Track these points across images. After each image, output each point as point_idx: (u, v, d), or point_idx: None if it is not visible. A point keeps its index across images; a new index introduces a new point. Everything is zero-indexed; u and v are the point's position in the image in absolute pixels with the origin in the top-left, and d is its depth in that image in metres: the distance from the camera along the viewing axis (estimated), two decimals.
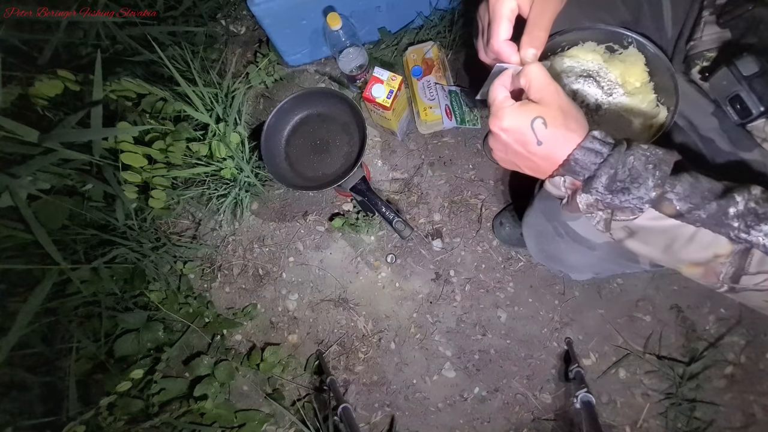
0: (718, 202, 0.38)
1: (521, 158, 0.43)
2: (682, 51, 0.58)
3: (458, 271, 1.10)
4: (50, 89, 0.84)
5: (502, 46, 0.46)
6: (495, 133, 0.43)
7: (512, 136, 0.42)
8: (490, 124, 0.43)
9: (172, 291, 1.09)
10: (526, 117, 0.41)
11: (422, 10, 1.13)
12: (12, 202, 0.79)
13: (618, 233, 0.43)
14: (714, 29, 0.52)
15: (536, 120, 0.40)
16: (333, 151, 1.03)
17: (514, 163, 0.45)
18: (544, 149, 0.41)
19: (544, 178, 0.45)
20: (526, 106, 0.41)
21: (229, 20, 1.28)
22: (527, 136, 0.41)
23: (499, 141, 0.43)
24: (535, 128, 0.40)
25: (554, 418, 1.00)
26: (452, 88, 1.12)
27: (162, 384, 0.99)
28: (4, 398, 0.88)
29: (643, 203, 0.39)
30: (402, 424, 1.04)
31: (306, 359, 1.09)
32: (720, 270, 0.39)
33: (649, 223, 0.40)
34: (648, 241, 0.42)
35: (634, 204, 0.39)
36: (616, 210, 0.40)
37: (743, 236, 0.37)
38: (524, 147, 0.42)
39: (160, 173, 0.96)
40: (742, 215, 0.37)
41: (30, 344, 0.90)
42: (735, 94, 0.47)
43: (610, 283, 1.06)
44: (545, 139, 0.40)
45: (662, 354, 1.01)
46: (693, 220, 0.38)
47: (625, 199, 0.39)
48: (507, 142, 0.42)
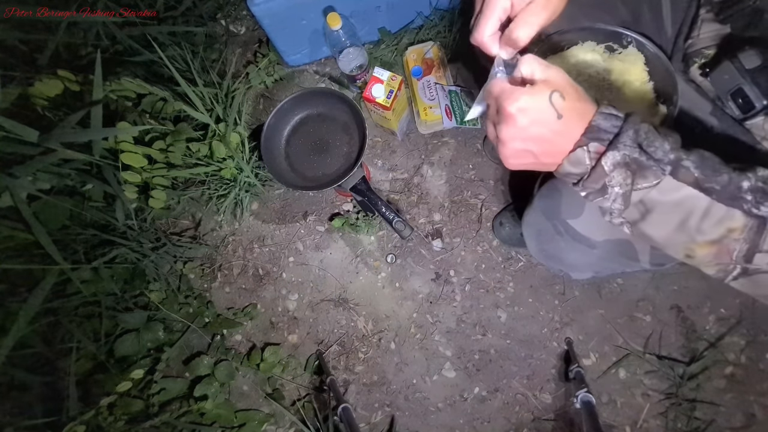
0: (730, 175, 0.38)
1: (539, 141, 0.41)
2: (681, 50, 0.58)
3: (458, 271, 1.10)
4: (50, 89, 0.84)
5: (486, 41, 0.47)
6: (511, 115, 0.41)
7: (531, 115, 0.40)
8: (504, 107, 0.41)
9: (172, 291, 1.09)
10: (543, 93, 0.40)
11: (422, 10, 1.13)
12: (12, 202, 0.79)
13: (632, 214, 0.42)
14: (712, 26, 0.52)
15: (554, 94, 0.40)
16: (333, 151, 1.03)
17: (529, 151, 0.43)
18: (564, 124, 0.40)
19: (560, 159, 0.43)
20: (538, 85, 0.41)
21: (229, 20, 1.28)
22: (547, 112, 0.40)
23: (516, 125, 0.41)
24: (554, 102, 0.40)
25: (554, 418, 1.00)
26: (452, 88, 1.12)
27: (162, 384, 0.99)
28: (4, 398, 0.88)
29: (664, 164, 0.39)
30: (402, 424, 1.04)
31: (306, 359, 1.09)
32: (734, 247, 0.39)
33: (664, 198, 0.40)
34: (662, 220, 0.41)
35: (657, 164, 0.39)
36: (640, 172, 0.39)
37: (755, 211, 0.37)
38: (544, 125, 0.40)
39: (160, 173, 0.96)
40: (753, 190, 0.37)
41: (30, 344, 0.90)
42: (737, 88, 0.47)
43: (610, 283, 1.06)
44: (565, 112, 0.40)
45: (662, 354, 1.01)
46: (709, 191, 0.38)
47: (650, 158, 0.39)
48: (524, 125, 0.41)
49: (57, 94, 0.85)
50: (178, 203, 1.14)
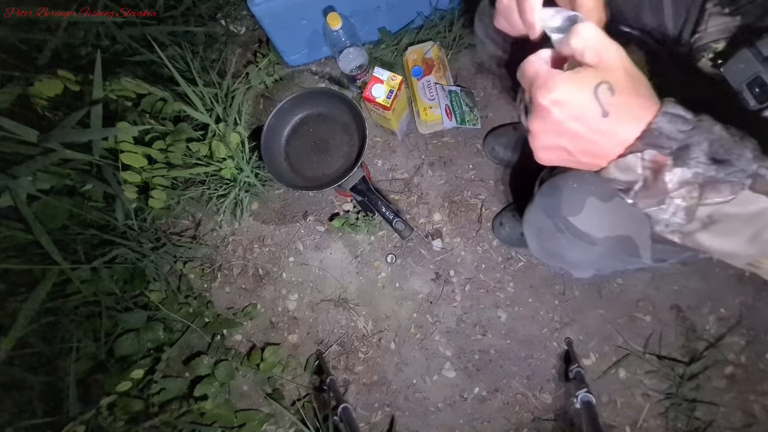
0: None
1: (576, 139, 0.35)
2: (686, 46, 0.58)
3: (458, 271, 1.10)
4: (50, 89, 0.84)
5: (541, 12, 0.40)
6: (543, 108, 0.34)
7: (568, 110, 0.33)
8: (536, 97, 0.34)
9: (172, 291, 1.09)
10: (587, 83, 0.33)
11: (422, 10, 1.13)
12: (12, 202, 0.79)
13: (692, 225, 0.36)
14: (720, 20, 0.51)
15: (600, 86, 0.32)
16: (333, 151, 1.03)
17: (563, 148, 0.36)
18: (611, 123, 0.33)
19: (604, 162, 0.36)
20: (584, 71, 0.33)
21: (229, 20, 1.28)
22: (589, 107, 0.33)
23: (548, 119, 0.34)
24: (599, 96, 0.32)
25: (554, 418, 1.00)
26: (452, 88, 1.12)
27: (162, 384, 0.99)
28: (4, 398, 0.88)
29: (745, 177, 0.32)
30: (402, 424, 1.04)
31: (306, 359, 1.09)
32: None
33: (738, 211, 0.34)
34: (730, 232, 0.35)
35: (739, 177, 0.32)
36: (714, 187, 0.33)
37: None
38: (584, 123, 0.33)
39: (160, 173, 0.96)
40: None
41: (30, 344, 0.90)
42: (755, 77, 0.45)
43: (610, 283, 1.06)
44: (613, 109, 0.33)
45: (662, 354, 1.01)
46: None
47: (729, 172, 0.32)
48: (559, 119, 0.34)
49: (57, 94, 0.85)
50: (178, 203, 1.14)
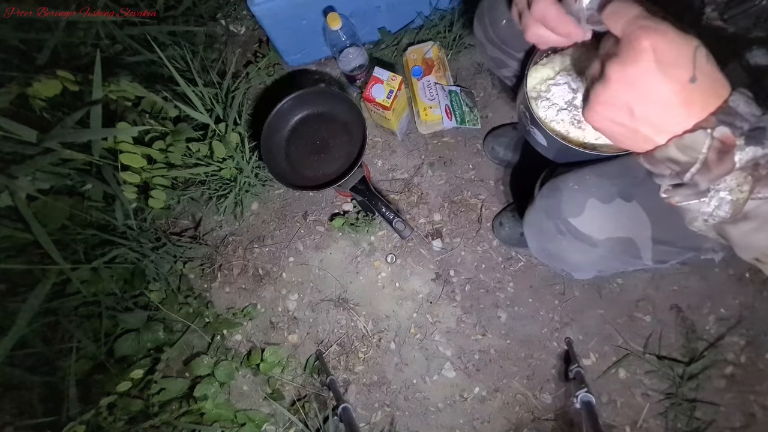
0: None
1: (650, 101, 0.32)
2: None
3: (458, 271, 1.10)
4: (49, 89, 0.84)
5: None
6: (640, 50, 0.31)
7: (664, 60, 0.30)
8: (636, 35, 0.31)
9: (172, 291, 1.09)
10: (691, 41, 0.30)
11: (422, 10, 1.13)
12: (12, 202, 0.79)
13: None
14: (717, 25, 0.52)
15: (700, 48, 0.30)
16: (333, 151, 1.03)
17: (629, 108, 0.33)
18: (694, 91, 0.31)
19: (663, 138, 0.33)
20: (682, 30, 0.31)
21: (229, 20, 1.28)
22: (684, 65, 0.30)
23: (637, 64, 0.31)
24: (697, 58, 0.30)
25: (554, 418, 1.00)
26: (452, 88, 1.12)
27: (162, 384, 0.99)
28: (4, 398, 0.88)
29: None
30: (402, 424, 1.04)
31: (306, 359, 1.09)
32: None
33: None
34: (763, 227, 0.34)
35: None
36: (766, 180, 0.32)
37: None
38: (670, 82, 0.31)
39: (159, 173, 0.96)
40: None
41: (30, 344, 0.90)
42: None
43: (610, 283, 1.06)
44: (701, 77, 0.30)
45: (662, 354, 1.01)
46: None
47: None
48: (647, 67, 0.31)
49: (56, 94, 0.85)
50: (178, 203, 1.14)
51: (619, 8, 0.33)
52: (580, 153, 0.56)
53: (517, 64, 0.70)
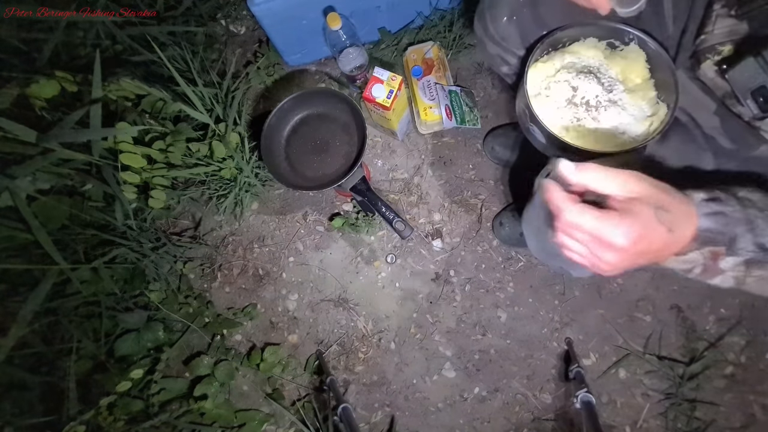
0: None
1: (651, 254, 0.40)
2: (688, 47, 0.57)
3: (458, 271, 1.10)
4: (47, 90, 0.84)
5: None
6: (624, 249, 0.38)
7: (645, 240, 0.38)
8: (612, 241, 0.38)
9: (172, 291, 1.09)
10: (649, 213, 0.37)
11: (422, 10, 1.13)
12: (12, 202, 0.79)
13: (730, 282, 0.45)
14: (726, 22, 0.51)
15: (658, 211, 0.38)
16: (333, 151, 1.03)
17: (638, 264, 0.41)
18: (674, 235, 0.39)
19: (664, 259, 0.43)
20: (638, 205, 0.38)
21: (229, 20, 1.28)
22: (658, 231, 0.38)
23: (629, 253, 0.38)
24: (661, 219, 0.38)
25: (554, 418, 1.00)
26: (452, 88, 1.12)
27: (162, 384, 0.99)
28: (4, 398, 0.88)
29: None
30: (402, 424, 1.04)
31: (306, 359, 1.09)
32: None
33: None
34: (759, 287, 0.44)
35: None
36: (760, 266, 0.41)
37: None
38: (657, 242, 0.39)
39: (159, 173, 0.96)
40: None
41: (30, 344, 0.90)
42: (760, 86, 0.46)
43: (610, 283, 1.06)
44: (672, 225, 0.39)
45: (662, 354, 1.01)
46: None
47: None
48: (640, 251, 0.38)
49: (55, 94, 0.85)
50: (178, 203, 1.14)
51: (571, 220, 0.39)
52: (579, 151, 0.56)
53: (517, 62, 0.70)
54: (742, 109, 0.50)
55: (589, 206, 0.38)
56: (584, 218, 0.38)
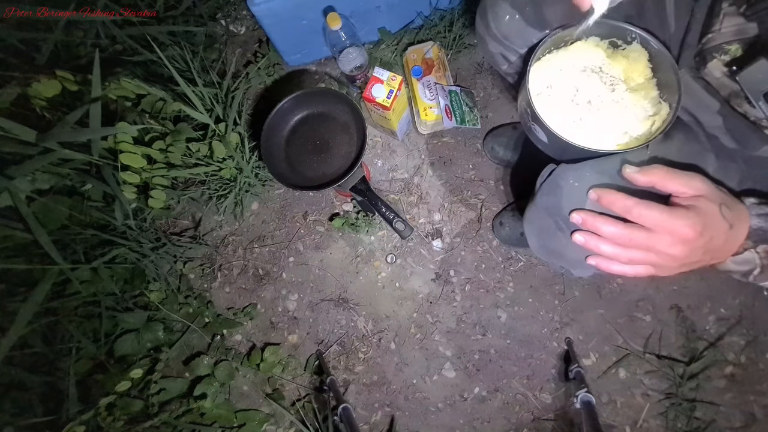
0: None
1: (713, 251, 0.43)
2: (691, 46, 0.57)
3: (458, 271, 1.10)
4: (48, 90, 0.84)
5: None
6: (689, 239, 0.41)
7: (710, 231, 0.42)
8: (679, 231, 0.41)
9: (172, 291, 1.08)
10: (714, 209, 0.42)
11: (422, 10, 1.13)
12: (11, 202, 0.79)
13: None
14: (734, 21, 0.51)
15: (722, 207, 0.42)
16: (333, 151, 1.03)
17: (700, 261, 0.44)
18: (734, 231, 0.43)
19: (722, 259, 0.46)
20: (703, 201, 0.42)
21: (229, 20, 1.28)
22: (721, 224, 0.42)
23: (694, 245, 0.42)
24: (725, 214, 0.42)
25: (554, 418, 1.00)
26: (452, 88, 1.12)
27: (162, 384, 0.99)
28: (4, 398, 0.88)
29: None
30: (402, 424, 1.04)
31: (306, 359, 1.09)
32: None
33: None
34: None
35: None
36: None
37: None
38: (720, 237, 0.42)
39: (159, 173, 0.96)
40: None
41: (30, 344, 0.90)
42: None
43: (610, 283, 1.06)
44: (734, 221, 0.42)
45: (662, 354, 1.01)
46: None
47: None
48: (706, 245, 0.42)
49: (55, 94, 0.85)
50: (178, 203, 1.14)
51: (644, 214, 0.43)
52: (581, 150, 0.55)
53: (518, 61, 0.70)
54: (747, 109, 0.50)
55: (655, 202, 0.41)
56: (653, 212, 0.41)
